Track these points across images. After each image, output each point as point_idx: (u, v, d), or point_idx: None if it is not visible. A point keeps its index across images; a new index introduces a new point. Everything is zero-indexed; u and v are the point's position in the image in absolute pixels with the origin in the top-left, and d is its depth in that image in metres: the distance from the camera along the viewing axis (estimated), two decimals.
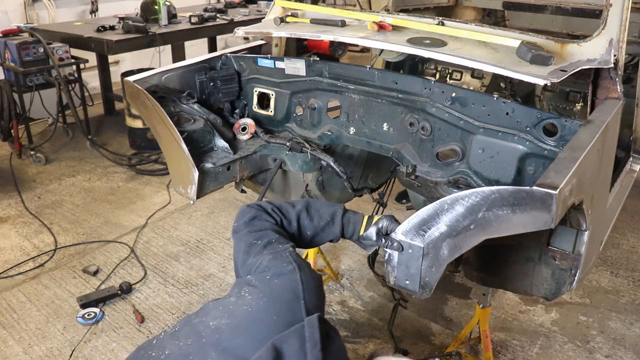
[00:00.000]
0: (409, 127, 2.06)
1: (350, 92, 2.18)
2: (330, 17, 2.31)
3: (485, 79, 3.34)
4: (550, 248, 1.77)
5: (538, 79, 1.63)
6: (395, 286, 1.55)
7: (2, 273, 3.21)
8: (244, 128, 2.45)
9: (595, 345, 2.70)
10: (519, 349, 2.67)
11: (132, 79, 2.25)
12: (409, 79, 2.03)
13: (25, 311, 2.90)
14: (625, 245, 3.54)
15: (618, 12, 1.82)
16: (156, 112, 2.17)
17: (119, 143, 5.16)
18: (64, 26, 5.41)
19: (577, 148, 1.46)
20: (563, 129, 1.69)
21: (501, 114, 1.79)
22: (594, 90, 1.90)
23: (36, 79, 4.60)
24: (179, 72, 2.38)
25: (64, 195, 4.19)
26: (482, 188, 1.31)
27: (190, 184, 2.18)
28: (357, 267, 3.31)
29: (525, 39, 1.85)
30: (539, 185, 1.27)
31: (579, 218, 1.58)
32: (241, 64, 2.49)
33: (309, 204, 1.67)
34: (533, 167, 1.77)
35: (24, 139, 4.87)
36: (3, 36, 4.70)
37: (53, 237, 3.59)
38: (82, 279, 3.17)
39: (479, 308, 2.42)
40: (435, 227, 1.39)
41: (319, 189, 2.53)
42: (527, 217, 1.30)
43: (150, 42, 4.94)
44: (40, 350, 2.63)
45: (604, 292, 3.09)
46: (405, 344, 2.67)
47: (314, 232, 1.63)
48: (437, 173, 1.99)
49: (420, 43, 1.93)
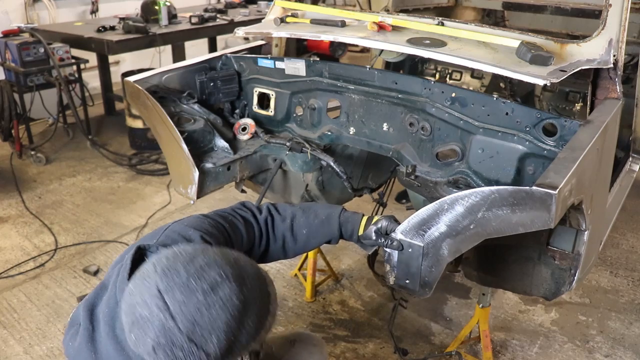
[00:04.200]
0: (409, 127, 2.06)
1: (350, 92, 2.19)
2: (330, 17, 2.31)
3: (485, 79, 3.34)
4: (549, 248, 1.78)
5: (538, 79, 1.63)
6: (395, 286, 1.56)
7: (3, 273, 3.21)
8: (244, 128, 2.45)
9: (595, 344, 2.71)
10: (519, 348, 2.67)
11: (132, 79, 2.26)
12: (408, 79, 2.03)
13: (25, 311, 2.91)
14: (624, 245, 3.55)
15: (617, 12, 1.83)
16: (156, 112, 2.18)
17: (119, 143, 5.17)
18: (65, 26, 5.41)
19: (577, 148, 1.47)
20: (562, 129, 1.69)
21: (501, 114, 1.79)
22: (593, 90, 1.91)
23: (37, 79, 4.61)
24: (179, 72, 2.39)
25: (65, 195, 4.19)
26: (482, 188, 1.32)
27: (191, 184, 2.19)
28: (357, 267, 3.31)
29: (525, 39, 1.85)
30: (539, 185, 1.27)
31: (578, 218, 1.58)
32: (241, 64, 2.49)
33: (307, 205, 1.66)
34: (533, 167, 1.78)
35: (24, 139, 4.87)
36: (4, 36, 4.71)
37: (53, 237, 3.59)
38: (82, 279, 3.17)
39: (479, 308, 2.42)
40: (435, 227, 1.39)
41: (319, 189, 2.53)
42: (526, 217, 1.30)
43: (151, 42, 4.94)
44: (40, 350, 2.64)
45: (604, 292, 3.09)
46: (405, 343, 2.67)
47: (309, 230, 1.59)
48: (436, 173, 1.99)
49: (420, 43, 1.93)
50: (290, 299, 3.01)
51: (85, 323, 1.26)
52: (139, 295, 1.04)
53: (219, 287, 1.03)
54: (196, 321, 1.00)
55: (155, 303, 1.01)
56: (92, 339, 1.24)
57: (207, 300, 1.01)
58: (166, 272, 1.04)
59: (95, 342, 1.23)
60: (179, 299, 1.01)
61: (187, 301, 1.01)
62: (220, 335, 1.02)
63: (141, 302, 1.03)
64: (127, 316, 1.06)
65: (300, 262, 3.13)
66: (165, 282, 1.03)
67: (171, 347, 1.00)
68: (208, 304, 1.01)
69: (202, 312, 1.01)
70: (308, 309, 2.93)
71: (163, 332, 1.00)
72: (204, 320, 1.00)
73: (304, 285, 3.06)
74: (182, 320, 1.00)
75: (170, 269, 1.04)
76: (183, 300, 1.01)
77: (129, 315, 1.06)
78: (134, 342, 1.05)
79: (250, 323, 1.06)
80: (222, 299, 1.02)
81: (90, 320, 1.26)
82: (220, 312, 1.02)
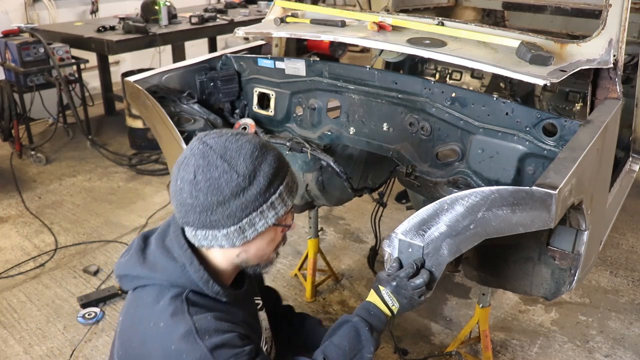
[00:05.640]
0: (409, 127, 2.06)
1: (350, 92, 2.19)
2: (330, 17, 2.31)
3: (485, 79, 3.34)
4: (549, 248, 1.78)
5: (537, 79, 1.63)
6: None
7: (3, 273, 3.21)
8: (244, 128, 2.45)
9: (595, 344, 2.71)
10: (519, 348, 2.68)
11: (132, 79, 2.26)
12: (408, 79, 2.03)
13: (25, 311, 2.91)
14: (624, 245, 3.55)
15: (617, 12, 1.83)
16: (156, 112, 2.18)
17: (119, 143, 5.17)
18: (65, 26, 5.42)
19: (577, 148, 1.47)
20: (562, 129, 1.69)
21: (501, 114, 1.79)
22: (593, 90, 1.91)
23: (37, 79, 4.61)
24: (179, 72, 2.39)
25: (65, 195, 4.19)
26: (482, 188, 1.32)
27: None
28: (357, 267, 3.31)
29: (525, 39, 1.85)
30: (539, 185, 1.27)
31: (578, 218, 1.58)
32: (241, 64, 2.49)
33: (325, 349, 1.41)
34: (533, 167, 1.78)
35: (24, 139, 4.87)
36: (4, 36, 4.71)
37: (53, 237, 3.59)
38: (82, 279, 3.17)
39: (479, 308, 2.42)
40: (435, 227, 1.39)
41: (319, 189, 2.53)
42: (526, 217, 1.30)
43: (151, 42, 4.94)
44: (40, 350, 2.64)
45: (604, 292, 3.10)
46: (405, 343, 2.67)
47: None
48: (436, 173, 1.99)
49: (420, 43, 1.93)
50: (290, 299, 3.01)
51: (139, 243, 1.41)
52: (183, 155, 1.31)
53: (247, 135, 1.32)
54: (227, 147, 1.26)
55: (196, 145, 1.28)
56: (142, 251, 1.38)
57: (236, 137, 1.28)
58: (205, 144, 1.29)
59: (145, 253, 1.37)
60: (214, 137, 1.28)
61: (220, 138, 1.28)
62: (247, 157, 1.25)
63: (187, 152, 1.29)
64: (175, 169, 1.30)
65: (300, 262, 3.13)
66: (204, 142, 1.28)
67: (208, 167, 1.23)
68: (237, 139, 1.28)
69: (232, 142, 1.27)
70: (308, 309, 2.93)
71: (202, 156, 1.25)
72: (233, 147, 1.26)
73: (304, 285, 3.06)
74: (216, 146, 1.26)
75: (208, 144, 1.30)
76: (217, 137, 1.28)
77: (175, 167, 1.30)
78: (181, 180, 1.27)
79: (271, 161, 1.29)
80: (248, 139, 1.29)
81: (144, 241, 1.42)
82: (247, 144, 1.27)
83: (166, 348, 1.22)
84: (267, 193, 1.27)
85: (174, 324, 1.23)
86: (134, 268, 1.36)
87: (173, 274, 1.30)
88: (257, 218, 1.27)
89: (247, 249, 1.33)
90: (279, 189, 1.29)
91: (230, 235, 1.27)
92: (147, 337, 1.27)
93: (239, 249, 1.32)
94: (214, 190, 1.23)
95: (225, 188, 1.23)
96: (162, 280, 1.31)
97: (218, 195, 1.23)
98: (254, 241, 1.32)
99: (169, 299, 1.28)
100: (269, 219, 1.29)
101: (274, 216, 1.30)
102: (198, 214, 1.25)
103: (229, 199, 1.23)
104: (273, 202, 1.28)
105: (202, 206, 1.24)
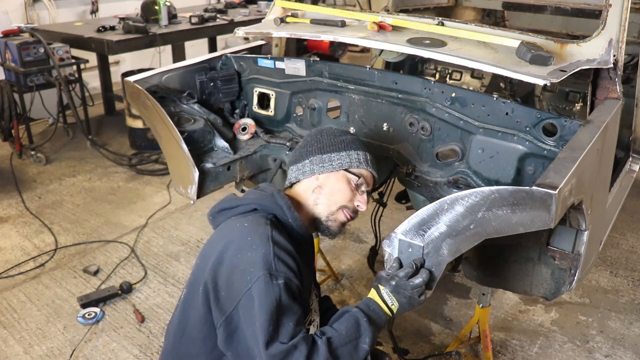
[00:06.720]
0: (409, 127, 2.06)
1: (350, 92, 2.19)
2: (330, 17, 2.31)
3: (485, 79, 3.34)
4: (549, 248, 1.78)
5: (537, 79, 1.63)
6: None
7: (3, 273, 3.21)
8: (244, 128, 2.45)
9: (595, 344, 2.71)
10: (519, 348, 2.68)
11: (132, 79, 2.26)
12: (408, 79, 2.03)
13: (25, 311, 2.91)
14: (624, 245, 3.55)
15: (617, 12, 1.82)
16: (156, 112, 2.18)
17: (119, 143, 5.17)
18: (65, 26, 5.41)
19: (577, 148, 1.47)
20: (562, 129, 1.69)
21: (501, 114, 1.79)
22: (593, 90, 1.91)
23: (37, 79, 4.61)
24: (179, 72, 2.39)
25: (65, 195, 4.19)
26: (482, 188, 1.32)
27: (191, 184, 2.19)
28: (357, 267, 3.31)
29: (525, 39, 1.85)
30: (539, 185, 1.27)
31: (578, 218, 1.58)
32: (241, 64, 2.49)
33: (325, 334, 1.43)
34: (533, 167, 1.78)
35: (24, 139, 4.87)
36: (4, 36, 4.71)
37: (53, 237, 3.59)
38: (82, 279, 3.17)
39: (479, 308, 2.42)
40: (435, 227, 1.39)
41: None
42: (526, 217, 1.30)
43: (151, 42, 4.94)
44: (40, 350, 2.64)
45: (604, 292, 3.10)
46: (405, 343, 2.67)
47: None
48: (436, 173, 1.99)
49: (420, 43, 1.93)
50: None
51: None
52: None
53: None
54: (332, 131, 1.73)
55: None
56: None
57: None
58: None
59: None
60: None
61: None
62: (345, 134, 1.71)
63: None
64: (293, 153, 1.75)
65: None
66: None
67: (318, 133, 1.71)
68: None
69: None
70: None
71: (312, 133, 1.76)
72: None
73: None
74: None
75: None
76: None
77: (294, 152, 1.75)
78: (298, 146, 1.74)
79: (361, 143, 1.71)
80: None
81: None
82: None
83: (243, 236, 1.46)
84: (350, 149, 1.65)
85: (256, 225, 1.49)
86: (230, 202, 1.63)
87: (263, 199, 1.58)
88: (336, 157, 1.63)
89: (322, 184, 1.63)
90: (360, 151, 1.66)
91: (314, 162, 1.64)
92: (230, 231, 1.52)
93: (316, 182, 1.64)
94: (316, 141, 1.68)
95: (325, 139, 1.67)
96: (251, 204, 1.58)
97: (318, 142, 1.67)
98: (328, 181, 1.63)
99: (255, 214, 1.55)
100: (344, 162, 1.63)
101: (349, 164, 1.63)
102: (298, 150, 1.70)
103: (324, 142, 1.66)
104: (352, 154, 1.64)
105: (304, 145, 1.70)
